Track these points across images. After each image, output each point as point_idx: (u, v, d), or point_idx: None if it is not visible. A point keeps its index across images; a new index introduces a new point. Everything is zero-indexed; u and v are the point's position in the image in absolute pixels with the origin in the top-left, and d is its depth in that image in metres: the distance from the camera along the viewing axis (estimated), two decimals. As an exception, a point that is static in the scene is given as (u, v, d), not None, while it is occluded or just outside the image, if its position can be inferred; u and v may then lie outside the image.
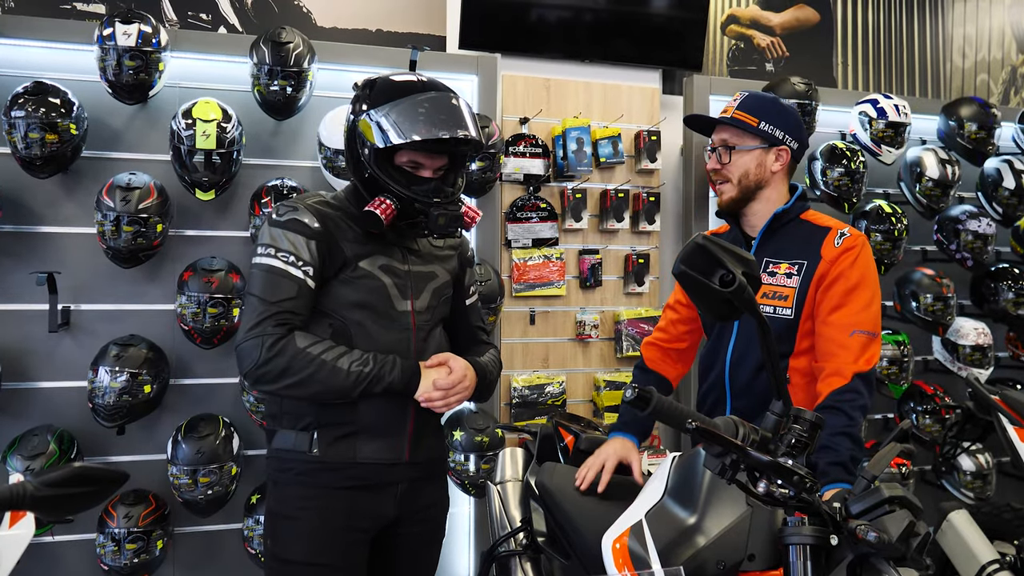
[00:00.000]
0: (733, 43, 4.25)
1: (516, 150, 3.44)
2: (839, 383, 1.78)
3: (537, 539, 2.13)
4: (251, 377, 1.74)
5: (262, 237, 1.82)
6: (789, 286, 1.95)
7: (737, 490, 1.31)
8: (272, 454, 1.88)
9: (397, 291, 1.87)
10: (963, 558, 2.62)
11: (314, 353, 1.73)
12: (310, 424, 1.82)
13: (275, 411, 1.87)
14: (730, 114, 2.04)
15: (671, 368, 2.26)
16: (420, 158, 1.82)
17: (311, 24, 3.51)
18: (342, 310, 1.82)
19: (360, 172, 1.84)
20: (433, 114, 1.75)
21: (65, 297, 2.91)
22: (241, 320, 1.77)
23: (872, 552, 1.27)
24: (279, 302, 1.74)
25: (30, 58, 2.93)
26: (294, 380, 1.72)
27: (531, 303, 3.54)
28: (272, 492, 1.88)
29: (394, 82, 1.82)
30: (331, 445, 1.82)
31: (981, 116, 3.87)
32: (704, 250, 1.24)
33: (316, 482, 1.81)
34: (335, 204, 1.89)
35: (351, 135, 1.85)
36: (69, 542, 2.94)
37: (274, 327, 1.72)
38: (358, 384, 1.75)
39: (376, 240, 1.87)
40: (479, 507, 3.38)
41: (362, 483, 1.83)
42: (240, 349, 1.74)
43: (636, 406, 1.21)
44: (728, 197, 2.05)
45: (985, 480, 3.72)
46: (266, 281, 1.76)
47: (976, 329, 3.86)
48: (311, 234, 1.79)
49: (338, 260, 1.82)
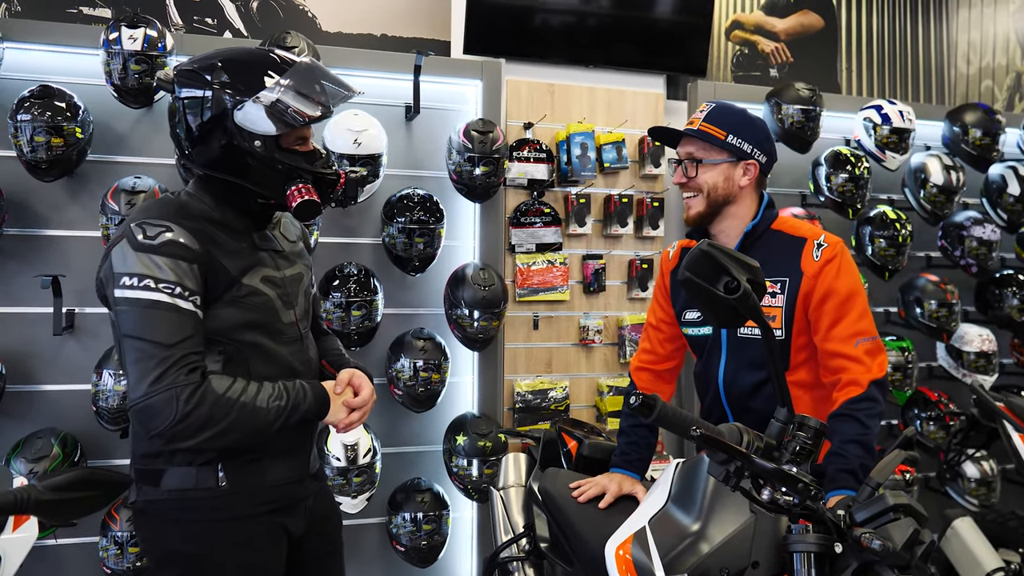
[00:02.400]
0: (737, 48, 4.25)
1: (520, 155, 3.44)
2: (856, 392, 1.79)
3: (540, 545, 2.13)
4: (165, 435, 1.52)
5: (127, 263, 1.54)
6: (775, 306, 1.91)
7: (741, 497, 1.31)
8: (163, 495, 1.65)
9: (281, 303, 1.73)
10: (967, 566, 2.62)
11: (233, 397, 1.56)
12: (211, 459, 1.65)
13: (158, 450, 1.65)
14: (696, 126, 1.96)
15: (664, 389, 2.21)
16: (305, 131, 1.70)
17: (316, 29, 3.51)
18: (232, 333, 1.64)
19: (244, 166, 1.64)
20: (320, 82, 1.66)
21: (70, 300, 2.91)
22: (130, 368, 1.52)
23: (876, 560, 1.27)
24: (178, 344, 1.51)
25: (36, 62, 2.94)
26: (215, 431, 1.54)
27: (535, 308, 3.54)
28: (171, 530, 1.67)
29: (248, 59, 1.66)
30: (238, 473, 1.67)
31: (986, 122, 3.86)
32: (709, 257, 1.24)
33: (231, 514, 1.67)
34: (197, 211, 1.66)
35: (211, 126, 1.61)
36: (72, 545, 2.93)
37: (186, 375, 1.51)
38: (277, 420, 1.62)
39: (249, 249, 1.70)
40: (482, 512, 3.37)
41: (276, 505, 1.73)
42: (146, 407, 1.50)
43: (641, 413, 1.21)
44: (696, 212, 1.99)
45: (990, 487, 3.70)
46: (155, 320, 1.51)
47: (980, 335, 3.85)
48: (192, 257, 1.57)
49: (222, 281, 1.62)
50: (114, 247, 1.58)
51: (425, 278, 3.29)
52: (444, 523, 3.15)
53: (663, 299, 2.16)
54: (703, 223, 2.02)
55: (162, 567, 1.69)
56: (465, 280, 3.18)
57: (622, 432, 2.13)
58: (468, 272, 3.21)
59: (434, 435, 3.33)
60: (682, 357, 2.22)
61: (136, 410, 1.52)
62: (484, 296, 3.14)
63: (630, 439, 2.09)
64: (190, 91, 1.63)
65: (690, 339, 2.10)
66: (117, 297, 1.54)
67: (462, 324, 3.17)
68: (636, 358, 2.25)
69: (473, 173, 3.16)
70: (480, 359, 3.40)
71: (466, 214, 3.44)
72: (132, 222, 1.59)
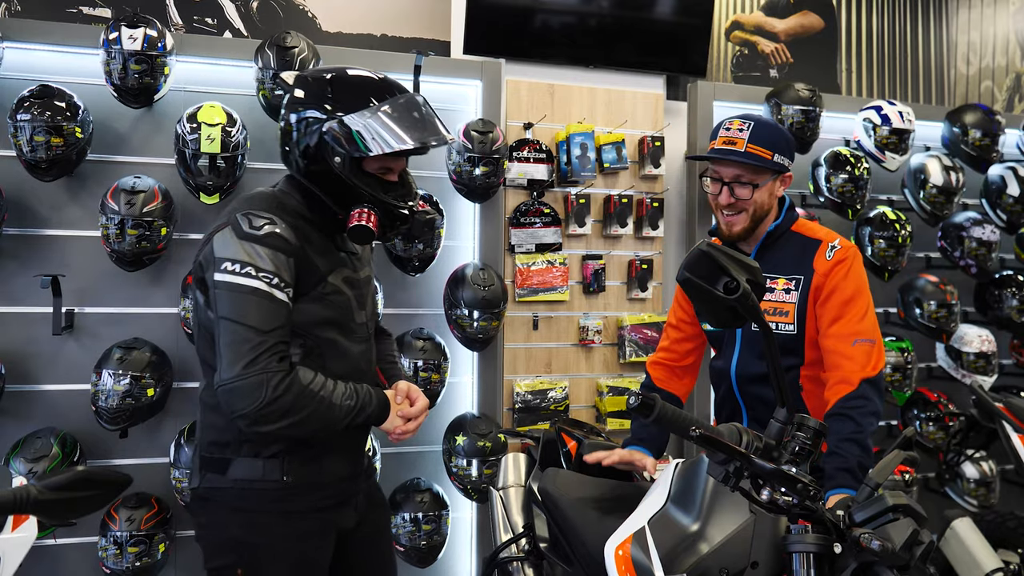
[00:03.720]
0: (737, 49, 4.25)
1: (520, 155, 3.44)
2: (846, 390, 1.80)
3: (539, 545, 2.13)
4: (250, 417, 1.58)
5: (230, 250, 1.62)
6: (789, 302, 1.96)
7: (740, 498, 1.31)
8: (228, 484, 1.73)
9: (356, 303, 1.81)
10: (967, 566, 2.61)
11: (315, 390, 1.64)
12: (279, 451, 1.72)
13: (228, 438, 1.72)
14: (743, 148, 1.95)
15: (679, 385, 2.25)
16: (392, 163, 1.76)
17: (316, 29, 3.51)
18: (312, 329, 1.70)
19: (326, 180, 1.71)
20: (415, 118, 1.71)
21: (69, 300, 2.91)
22: (224, 350, 1.58)
23: (876, 560, 1.27)
24: (272, 331, 1.59)
25: (36, 61, 2.94)
26: (295, 419, 1.61)
27: (534, 308, 3.54)
28: (230, 519, 1.73)
29: (357, 82, 1.74)
30: (300, 468, 1.74)
31: (985, 123, 3.86)
32: (709, 257, 1.24)
33: (289, 508, 1.74)
34: (293, 208, 1.73)
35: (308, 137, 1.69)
36: (71, 545, 2.93)
37: (277, 362, 1.59)
38: (346, 418, 1.70)
39: (333, 250, 1.78)
40: (481, 512, 3.37)
41: (332, 501, 1.80)
42: (236, 388, 1.56)
43: (640, 413, 1.22)
44: (741, 228, 2.01)
45: (989, 488, 3.70)
46: (252, 306, 1.58)
47: (980, 336, 3.85)
48: (291, 251, 1.65)
49: (312, 277, 1.70)
50: (217, 233, 1.66)
51: (425, 278, 3.29)
52: (443, 523, 3.14)
53: (683, 298, 2.20)
54: (746, 237, 2.03)
55: (217, 554, 1.76)
56: (465, 280, 3.18)
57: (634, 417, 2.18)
58: (468, 272, 3.21)
59: (434, 435, 3.33)
60: (699, 356, 2.27)
61: (225, 390, 1.58)
62: (484, 296, 3.14)
63: (640, 422, 2.13)
64: (299, 94, 1.73)
65: (709, 334, 2.17)
66: (217, 280, 1.61)
67: (462, 324, 3.17)
68: (654, 354, 2.31)
69: (473, 173, 3.17)
70: (480, 359, 3.40)
71: (466, 214, 3.44)
72: (237, 212, 1.67)
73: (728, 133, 1.98)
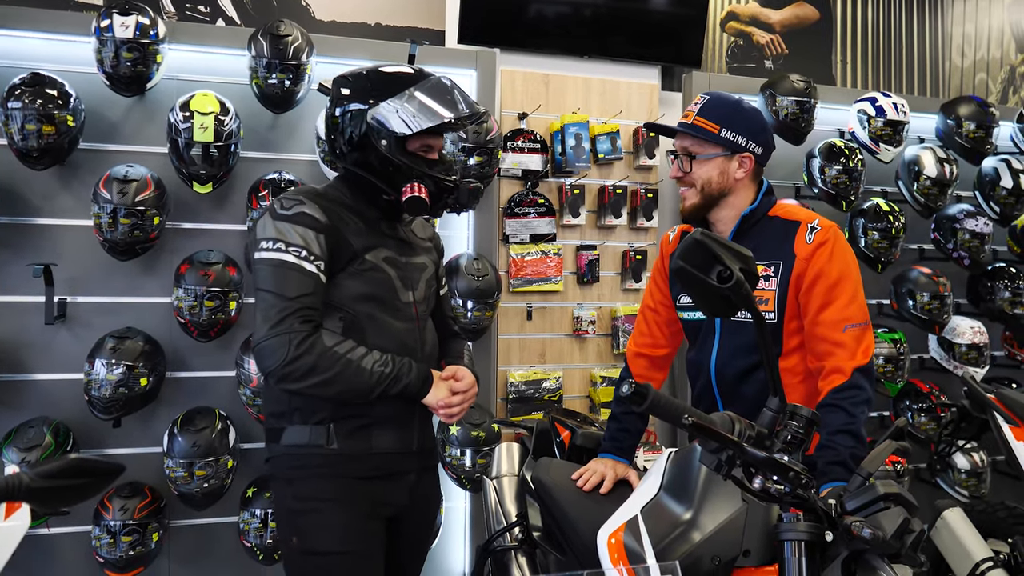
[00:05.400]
0: (732, 40, 4.24)
1: (514, 145, 3.44)
2: (840, 380, 1.78)
3: (533, 534, 2.13)
4: (276, 375, 1.73)
5: (265, 231, 1.79)
6: (768, 289, 1.90)
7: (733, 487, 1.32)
8: (282, 451, 1.86)
9: (400, 283, 1.90)
10: (957, 556, 2.63)
11: (340, 352, 1.74)
12: (324, 419, 1.82)
13: (282, 408, 1.86)
14: (691, 120, 1.95)
15: (657, 376, 2.21)
16: (432, 141, 1.89)
17: (310, 17, 3.50)
18: (352, 303, 1.82)
19: (373, 163, 1.85)
20: (450, 96, 1.85)
21: (61, 289, 2.90)
22: (258, 316, 1.75)
23: (866, 548, 1.28)
24: (298, 298, 1.73)
25: (27, 49, 2.92)
26: (320, 379, 1.72)
27: (528, 299, 3.54)
28: (286, 490, 1.86)
29: (392, 74, 1.89)
30: (347, 438, 1.83)
31: (979, 115, 3.87)
32: (702, 246, 1.24)
33: (337, 473, 1.83)
34: (333, 197, 1.88)
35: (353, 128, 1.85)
36: (65, 534, 2.93)
37: (300, 324, 1.72)
38: (379, 385, 1.77)
39: (376, 233, 1.89)
40: (475, 502, 3.38)
41: (380, 472, 1.86)
42: (263, 347, 1.72)
43: (633, 401, 1.21)
44: (691, 204, 1.99)
45: (980, 478, 3.73)
46: (281, 276, 1.74)
47: (972, 328, 3.86)
48: (320, 228, 1.79)
49: (346, 253, 1.82)
50: (259, 220, 1.85)
51: (419, 268, 3.29)
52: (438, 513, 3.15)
53: (662, 282, 2.16)
54: (699, 215, 2.02)
55: (282, 528, 1.91)
56: (459, 270, 3.18)
57: (613, 418, 2.14)
58: (462, 262, 3.21)
59: (427, 425, 3.34)
60: (678, 343, 2.21)
61: (257, 350, 1.74)
62: (478, 286, 3.14)
63: (621, 426, 2.10)
64: (344, 91, 1.88)
65: (685, 324, 2.10)
66: (256, 258, 1.79)
67: (456, 314, 3.17)
68: (633, 342, 2.23)
69: (467, 163, 3.16)
70: (474, 349, 3.40)
71: (460, 204, 3.44)
72: (275, 199, 1.84)
73: (689, 107, 2.01)
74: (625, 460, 2.07)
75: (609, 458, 2.07)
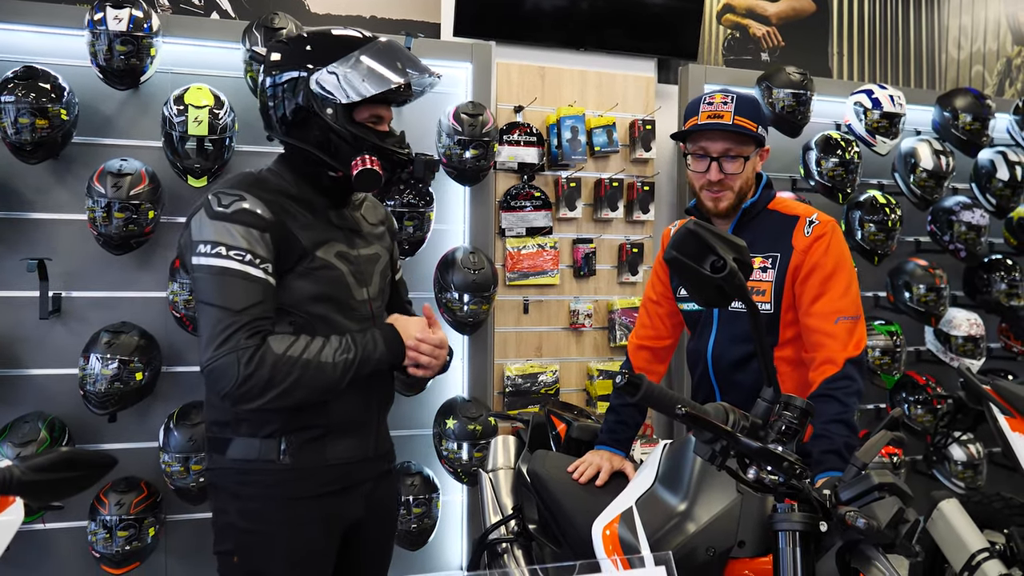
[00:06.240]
0: (729, 32, 4.23)
1: (510, 138, 3.43)
2: (832, 371, 1.79)
3: (529, 527, 2.14)
4: (232, 397, 1.56)
5: (202, 232, 1.59)
6: (765, 280, 1.93)
7: (727, 478, 1.31)
8: (228, 464, 1.69)
9: (354, 279, 1.75)
10: (953, 547, 2.63)
11: (295, 356, 1.58)
12: (275, 431, 1.67)
13: (227, 418, 1.69)
14: (730, 120, 1.90)
15: (658, 369, 2.22)
16: (381, 110, 1.72)
17: (304, 10, 3.48)
18: (303, 305, 1.66)
19: (317, 137, 1.67)
20: (399, 59, 1.67)
21: (56, 284, 2.89)
22: (202, 334, 1.57)
23: (861, 538, 1.27)
24: (245, 310, 1.55)
25: (20, 42, 2.90)
26: (280, 390, 1.56)
27: (525, 292, 3.54)
28: (231, 504, 1.70)
29: (335, 37, 1.71)
30: (300, 450, 1.68)
31: (976, 107, 3.87)
32: (696, 236, 1.24)
33: (288, 494, 1.68)
34: (274, 185, 1.69)
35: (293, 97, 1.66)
36: (61, 529, 2.93)
37: (247, 339, 1.54)
38: (347, 373, 1.64)
39: (324, 224, 1.72)
40: (471, 495, 3.38)
41: (335, 487, 1.72)
42: (211, 369, 1.54)
43: (627, 392, 1.21)
44: (727, 204, 1.96)
45: (976, 470, 3.74)
46: (223, 286, 1.56)
47: (968, 320, 3.87)
48: (264, 225, 1.60)
49: (295, 251, 1.65)
50: (193, 216, 1.64)
51: (415, 262, 3.28)
52: (434, 506, 3.15)
53: (663, 274, 2.17)
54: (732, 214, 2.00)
55: (220, 539, 1.73)
56: (455, 264, 3.18)
57: (611, 410, 2.14)
58: (458, 256, 3.20)
59: (424, 419, 3.34)
60: (679, 335, 2.23)
61: (206, 374, 1.57)
62: (474, 280, 3.14)
63: (619, 418, 2.11)
64: (275, 57, 1.69)
65: (685, 314, 2.12)
66: (194, 264, 1.60)
67: (452, 308, 3.17)
68: (635, 335, 2.24)
69: (463, 156, 3.15)
70: (470, 343, 3.40)
71: (456, 197, 3.43)
72: (210, 193, 1.64)
73: (711, 107, 1.94)
74: (621, 452, 2.07)
75: (605, 450, 2.07)
